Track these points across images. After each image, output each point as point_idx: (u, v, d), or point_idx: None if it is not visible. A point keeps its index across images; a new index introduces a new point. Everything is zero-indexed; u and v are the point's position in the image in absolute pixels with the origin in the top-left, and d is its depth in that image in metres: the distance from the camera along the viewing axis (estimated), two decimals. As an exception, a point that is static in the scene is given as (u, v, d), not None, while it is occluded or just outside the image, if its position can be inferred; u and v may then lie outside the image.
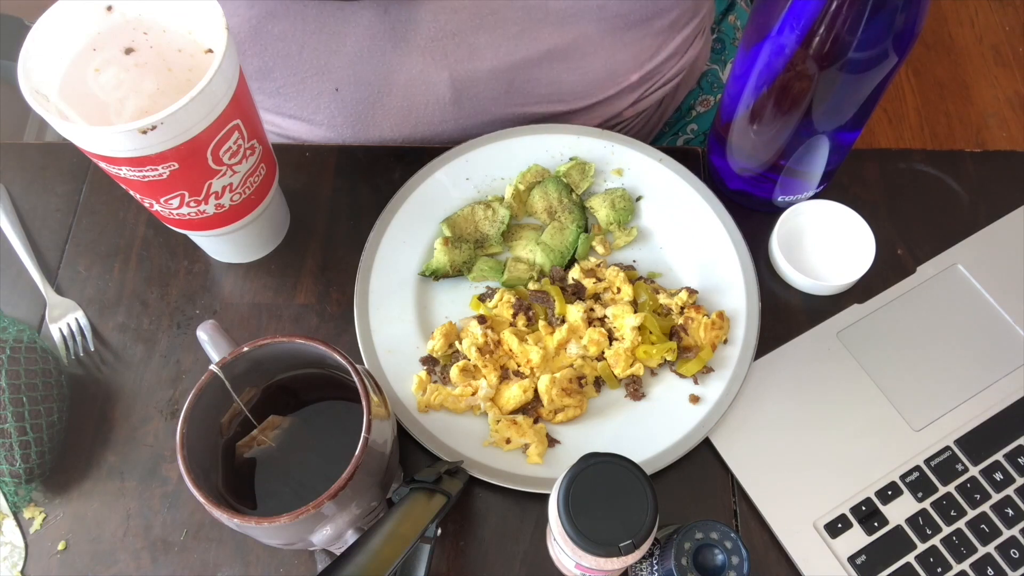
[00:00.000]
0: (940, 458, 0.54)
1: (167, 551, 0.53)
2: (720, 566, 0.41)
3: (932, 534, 0.52)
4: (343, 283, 0.62)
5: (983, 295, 0.59)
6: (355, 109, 0.69)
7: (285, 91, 0.69)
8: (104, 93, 0.51)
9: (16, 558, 0.53)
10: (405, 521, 0.41)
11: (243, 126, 0.50)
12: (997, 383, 0.56)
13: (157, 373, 0.59)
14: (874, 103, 0.52)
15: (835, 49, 0.47)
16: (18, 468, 0.52)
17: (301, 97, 0.69)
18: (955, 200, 0.64)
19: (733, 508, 0.54)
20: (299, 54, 0.65)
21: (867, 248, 0.59)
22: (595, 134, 0.65)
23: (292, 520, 0.40)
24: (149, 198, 0.51)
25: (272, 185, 0.58)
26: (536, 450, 0.54)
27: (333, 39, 0.64)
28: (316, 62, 0.66)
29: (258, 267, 0.63)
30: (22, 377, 0.53)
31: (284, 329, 0.60)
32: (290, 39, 0.65)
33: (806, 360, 0.57)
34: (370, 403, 0.43)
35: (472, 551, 0.53)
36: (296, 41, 0.65)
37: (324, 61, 0.66)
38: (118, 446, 0.56)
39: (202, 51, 0.51)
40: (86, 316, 0.61)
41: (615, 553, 0.40)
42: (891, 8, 0.45)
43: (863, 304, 0.59)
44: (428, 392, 0.56)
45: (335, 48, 0.65)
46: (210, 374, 0.44)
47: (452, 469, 0.50)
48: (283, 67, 0.66)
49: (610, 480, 0.41)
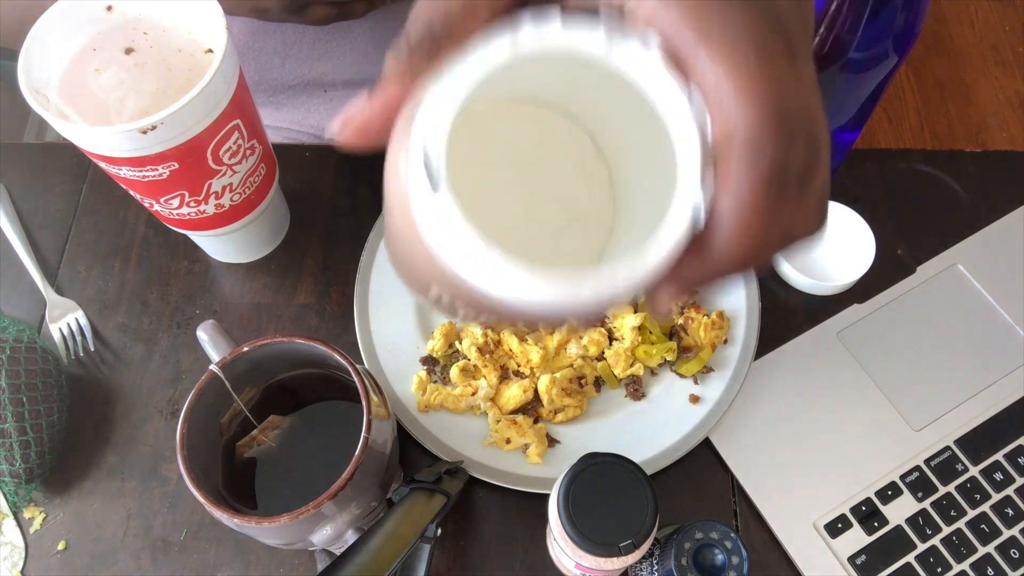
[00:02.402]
0: (940, 458, 0.54)
1: (167, 551, 0.53)
2: (720, 566, 0.41)
3: (932, 534, 0.52)
4: (343, 283, 0.62)
5: (983, 295, 0.59)
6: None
7: (275, 101, 0.69)
8: (104, 93, 0.51)
9: (16, 558, 0.53)
10: (405, 521, 0.41)
11: (243, 126, 0.50)
12: (997, 383, 0.56)
13: (157, 373, 0.59)
14: (874, 103, 0.52)
15: (835, 49, 0.47)
16: (18, 468, 0.52)
17: (292, 104, 0.69)
18: (955, 200, 0.64)
19: (733, 508, 0.54)
20: (282, 67, 0.65)
21: (867, 248, 0.59)
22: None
23: (292, 520, 0.40)
24: (149, 198, 0.51)
25: (272, 185, 0.58)
26: (536, 450, 0.54)
27: (324, 50, 0.64)
28: (301, 72, 0.66)
29: (258, 267, 0.63)
30: (22, 377, 0.53)
31: (284, 329, 0.60)
32: (272, 53, 0.65)
33: (806, 360, 0.57)
34: (370, 403, 0.43)
35: (472, 551, 0.53)
36: (279, 54, 0.65)
37: (312, 70, 0.66)
38: (118, 446, 0.56)
39: (202, 51, 0.51)
40: (86, 316, 0.61)
41: (615, 553, 0.40)
42: (891, 8, 0.45)
43: (863, 304, 0.59)
44: (428, 392, 0.56)
45: (326, 57, 0.65)
46: (210, 374, 0.44)
47: (452, 469, 0.50)
48: (267, 80, 0.67)
49: (610, 480, 0.41)
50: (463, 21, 0.21)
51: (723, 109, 0.19)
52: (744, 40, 0.19)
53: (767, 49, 0.19)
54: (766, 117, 0.19)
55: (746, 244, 0.20)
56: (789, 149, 0.19)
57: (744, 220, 0.20)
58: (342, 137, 0.22)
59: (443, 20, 0.21)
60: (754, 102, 0.19)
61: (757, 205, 0.19)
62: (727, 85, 0.19)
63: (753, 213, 0.20)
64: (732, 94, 0.19)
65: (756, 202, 0.19)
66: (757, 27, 0.19)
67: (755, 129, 0.19)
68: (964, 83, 1.57)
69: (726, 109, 0.19)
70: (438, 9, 0.21)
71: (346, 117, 0.22)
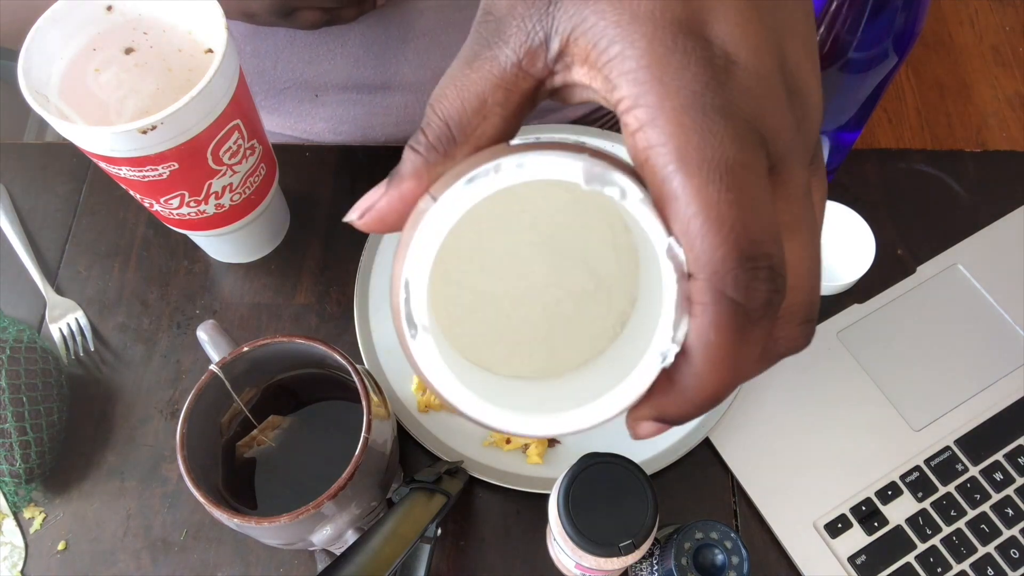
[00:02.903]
0: (940, 458, 0.54)
1: (167, 551, 0.53)
2: (720, 566, 0.41)
3: (932, 534, 0.52)
4: (343, 283, 0.62)
5: (983, 295, 0.59)
6: (352, 113, 0.69)
7: (266, 105, 0.69)
8: (104, 93, 0.51)
9: (16, 558, 0.53)
10: (405, 521, 0.41)
11: (243, 126, 0.50)
12: (997, 383, 0.56)
13: (157, 373, 0.59)
14: (874, 103, 0.52)
15: (835, 49, 0.47)
16: (18, 468, 0.52)
17: (283, 108, 0.69)
18: (955, 200, 0.64)
19: (733, 508, 0.54)
20: (273, 69, 0.65)
21: (867, 248, 0.59)
22: (596, 134, 0.65)
23: (292, 520, 0.40)
24: (149, 198, 0.51)
25: (272, 185, 0.58)
26: (536, 450, 0.54)
27: (315, 54, 0.64)
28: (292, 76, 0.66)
29: (258, 267, 0.63)
30: (22, 377, 0.53)
31: (284, 329, 0.60)
32: (263, 57, 0.65)
33: (806, 360, 0.57)
34: (370, 403, 0.43)
35: (472, 551, 0.53)
36: (270, 58, 0.65)
37: (303, 74, 0.66)
38: (118, 446, 0.56)
39: (202, 51, 0.51)
40: (86, 316, 0.61)
41: (615, 553, 0.40)
42: (891, 8, 0.45)
43: (863, 304, 0.59)
44: (428, 392, 0.56)
45: (316, 62, 0.65)
46: (210, 374, 0.44)
47: (452, 469, 0.50)
48: (259, 84, 0.67)
49: (610, 480, 0.41)
50: (475, 121, 0.22)
51: (692, 244, 0.20)
52: (717, 171, 0.19)
53: (738, 181, 0.19)
54: (729, 255, 0.19)
55: (716, 379, 0.21)
56: (750, 285, 0.19)
57: (711, 356, 0.20)
58: (361, 223, 0.23)
59: (458, 121, 0.22)
60: (719, 239, 0.19)
61: (723, 341, 0.20)
62: (696, 221, 0.19)
63: (719, 349, 0.20)
64: (699, 231, 0.19)
65: (721, 338, 0.20)
66: (734, 155, 0.19)
67: (718, 267, 0.19)
68: (964, 83, 1.57)
69: (695, 244, 0.19)
70: (455, 108, 0.22)
71: (365, 205, 0.23)
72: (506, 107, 0.22)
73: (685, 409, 0.22)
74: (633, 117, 0.20)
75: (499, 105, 0.22)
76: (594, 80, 0.21)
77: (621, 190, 0.20)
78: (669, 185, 0.20)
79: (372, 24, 0.62)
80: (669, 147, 0.19)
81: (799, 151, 0.21)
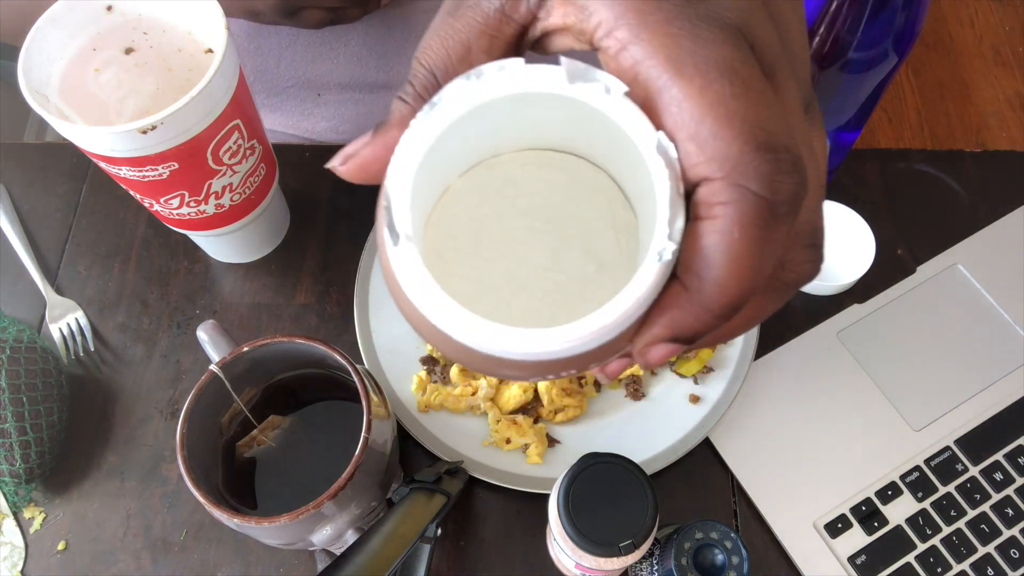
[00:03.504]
0: (940, 458, 0.54)
1: (167, 551, 0.53)
2: (720, 566, 0.41)
3: (932, 534, 0.52)
4: (343, 283, 0.62)
5: (983, 295, 0.59)
6: (355, 112, 0.69)
7: (268, 104, 0.69)
8: (104, 93, 0.51)
9: (16, 558, 0.53)
10: (405, 521, 0.41)
11: (243, 126, 0.50)
12: (997, 383, 0.56)
13: (157, 373, 0.59)
14: (874, 103, 0.52)
15: (835, 49, 0.47)
16: (18, 468, 0.52)
17: (285, 107, 0.69)
18: (955, 200, 0.64)
19: (733, 508, 0.54)
20: (276, 68, 0.65)
21: (867, 248, 0.59)
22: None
23: (292, 520, 0.40)
24: (149, 198, 0.51)
25: (272, 185, 0.58)
26: (536, 450, 0.54)
27: (318, 53, 0.64)
28: (295, 75, 0.66)
29: (258, 267, 0.63)
30: (22, 377, 0.53)
31: (284, 329, 0.60)
32: (266, 55, 0.65)
33: (806, 360, 0.57)
34: (370, 403, 0.43)
35: (472, 551, 0.53)
36: (273, 57, 0.65)
37: (306, 73, 0.66)
38: (118, 446, 0.56)
39: (202, 51, 0.51)
40: (86, 316, 0.61)
41: (615, 553, 0.40)
42: (891, 8, 0.45)
43: (863, 304, 0.59)
44: (428, 392, 0.56)
45: (320, 61, 0.65)
46: (210, 374, 0.44)
47: (452, 469, 0.50)
48: (261, 82, 0.67)
49: (610, 480, 0.41)
50: (461, 69, 0.22)
51: (704, 145, 0.19)
52: (717, 70, 0.19)
53: (741, 76, 0.19)
54: (747, 148, 0.18)
55: (738, 283, 0.20)
56: (774, 177, 0.19)
57: (733, 256, 0.19)
58: (343, 170, 0.23)
59: (443, 69, 0.22)
60: (733, 133, 0.18)
61: (746, 239, 0.19)
62: (705, 120, 0.19)
63: (743, 248, 0.19)
64: (710, 129, 0.19)
65: (745, 236, 0.19)
66: (730, 54, 0.19)
67: (737, 162, 0.19)
68: (964, 83, 1.57)
69: (707, 145, 0.19)
70: (440, 56, 0.22)
71: (348, 152, 0.22)
72: (491, 54, 0.22)
73: (704, 320, 0.20)
74: (614, 39, 0.20)
75: (484, 52, 0.22)
76: (569, 16, 0.21)
77: (605, 86, 0.20)
78: (668, 93, 0.19)
79: (375, 24, 0.62)
80: (659, 58, 0.19)
81: (787, 68, 0.21)
